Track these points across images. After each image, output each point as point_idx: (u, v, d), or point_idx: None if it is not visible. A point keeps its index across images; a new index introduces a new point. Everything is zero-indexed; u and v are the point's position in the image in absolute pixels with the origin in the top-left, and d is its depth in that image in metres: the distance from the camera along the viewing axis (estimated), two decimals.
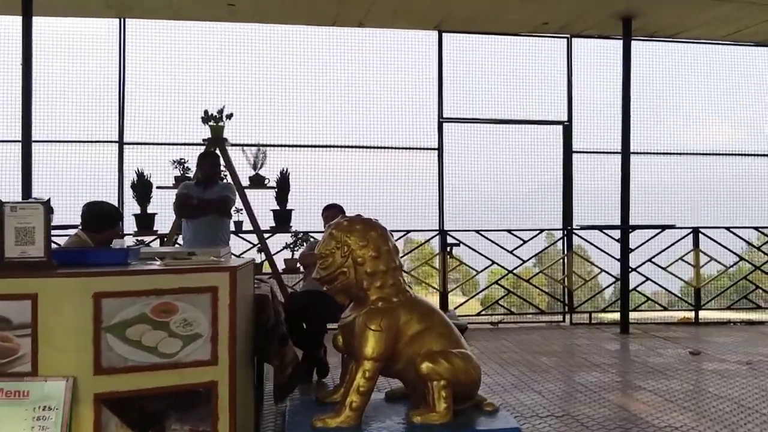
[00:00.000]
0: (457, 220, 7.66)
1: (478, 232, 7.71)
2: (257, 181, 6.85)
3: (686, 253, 7.93)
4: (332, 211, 5.54)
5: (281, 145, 7.31)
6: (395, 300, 3.67)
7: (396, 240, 7.17)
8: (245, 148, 6.92)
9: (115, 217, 3.80)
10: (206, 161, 5.74)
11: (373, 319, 3.58)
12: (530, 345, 6.47)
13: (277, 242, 7.01)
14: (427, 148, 7.65)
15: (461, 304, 7.70)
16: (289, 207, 6.78)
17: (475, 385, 3.69)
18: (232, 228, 6.87)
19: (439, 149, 7.65)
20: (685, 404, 4.31)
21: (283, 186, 6.82)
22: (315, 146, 7.42)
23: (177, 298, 2.80)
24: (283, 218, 6.81)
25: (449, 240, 7.59)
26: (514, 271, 7.87)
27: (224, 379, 2.87)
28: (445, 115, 7.67)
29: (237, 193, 6.71)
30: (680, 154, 8.24)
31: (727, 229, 8.09)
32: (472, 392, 3.71)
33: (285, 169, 6.84)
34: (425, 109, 7.62)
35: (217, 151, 6.68)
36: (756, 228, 8.31)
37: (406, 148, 7.59)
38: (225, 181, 6.77)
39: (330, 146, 7.45)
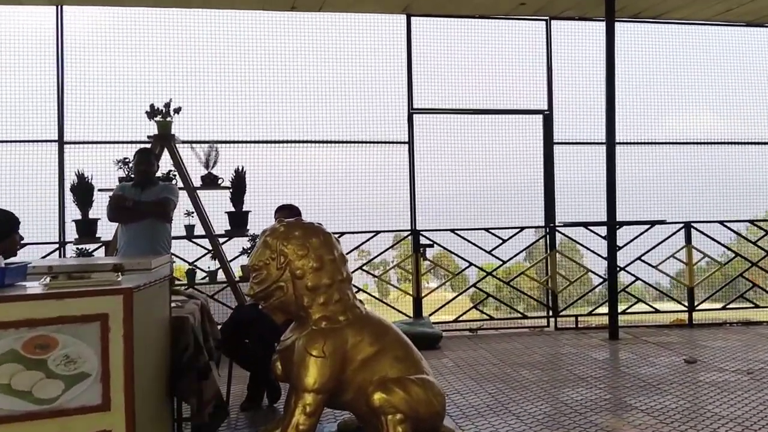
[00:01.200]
0: (430, 219, 7.15)
1: (453, 231, 7.20)
2: (210, 181, 6.35)
3: (678, 250, 7.46)
4: (285, 213, 5.00)
5: (236, 142, 6.77)
6: (342, 319, 3.16)
7: (370, 239, 6.81)
8: (196, 145, 6.42)
9: (6, 227, 3.25)
10: (142, 159, 5.18)
11: (315, 342, 3.07)
12: (510, 355, 5.97)
13: (233, 247, 6.50)
14: (397, 142, 7.14)
15: (437, 310, 7.19)
16: (245, 208, 6.30)
17: (438, 416, 3.19)
18: (183, 233, 6.38)
19: (410, 143, 7.13)
20: (682, 427, 3.83)
21: (238, 186, 6.32)
22: (273, 142, 6.87)
23: (56, 330, 2.30)
24: (239, 221, 6.30)
25: (422, 240, 7.08)
26: (494, 273, 7.36)
27: (120, 426, 2.37)
28: (415, 106, 7.15)
29: (189, 194, 6.24)
30: (669, 143, 7.77)
31: (721, 223, 7.63)
32: (435, 425, 3.20)
33: (240, 168, 6.34)
34: (394, 100, 7.10)
35: (163, 149, 6.19)
36: (751, 221, 7.86)
37: (373, 142, 7.07)
38: (174, 181, 6.28)
39: (289, 142, 6.91)
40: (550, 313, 7.38)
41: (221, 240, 6.38)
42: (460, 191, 7.29)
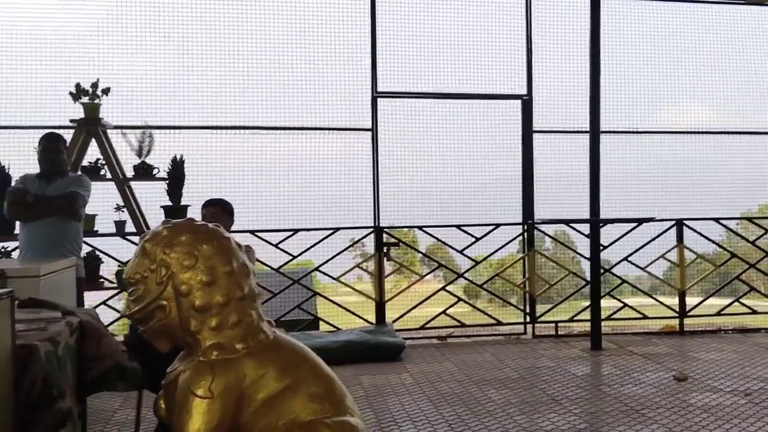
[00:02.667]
0: (395, 215, 6.52)
1: (420, 228, 6.61)
2: (144, 171, 5.77)
3: (669, 250, 6.88)
4: (212, 210, 4.39)
5: (174, 127, 6.10)
6: (240, 347, 2.52)
7: (327, 237, 6.18)
8: (128, 130, 5.81)
9: None
10: (49, 146, 4.54)
11: (201, 378, 2.43)
12: (479, 369, 5.37)
13: None
14: (359, 129, 6.48)
15: (401, 316, 6.58)
16: (184, 202, 5.73)
17: None
18: (113, 229, 5.78)
19: (373, 130, 6.48)
20: None
21: (176, 177, 5.74)
22: (216, 128, 6.18)
23: None
24: (176, 216, 5.53)
25: (386, 239, 6.47)
26: (465, 275, 6.76)
27: None
28: (379, 89, 6.50)
29: (119, 186, 5.63)
30: (660, 132, 7.17)
31: (716, 220, 7.05)
32: None
33: (178, 156, 5.73)
34: (356, 82, 6.44)
35: (90, 135, 5.56)
36: (749, 219, 7.28)
37: (331, 129, 6.41)
38: (103, 171, 5.68)
39: (235, 128, 6.22)
40: (528, 319, 6.78)
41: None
42: (429, 184, 6.68)
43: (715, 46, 7.18)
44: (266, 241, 6.17)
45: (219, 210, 4.37)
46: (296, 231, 6.26)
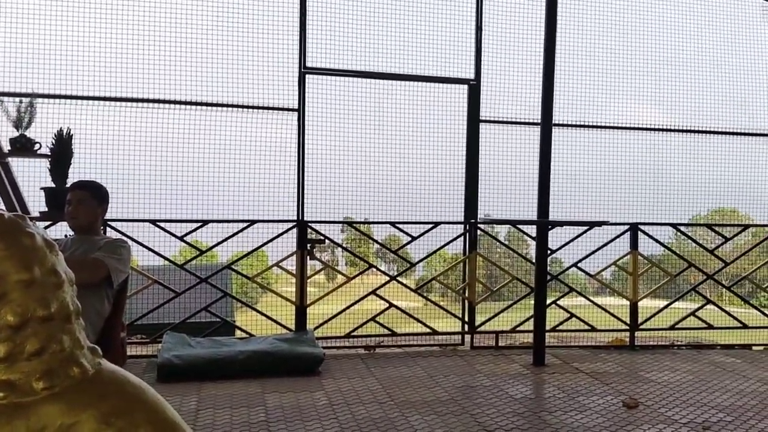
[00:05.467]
0: (321, 208, 5.90)
1: (350, 224, 6.01)
2: (22, 146, 5.02)
3: (621, 257, 6.43)
4: (79, 195, 3.69)
5: (61, 96, 5.32)
6: (40, 386, 1.81)
7: (242, 230, 5.51)
8: (6, 98, 5.07)
9: None
10: None
11: None
12: (406, 387, 4.79)
13: (53, 233, 5.08)
14: (282, 109, 5.80)
15: (325, 322, 5.96)
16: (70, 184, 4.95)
17: None
18: None
19: (300, 111, 5.82)
20: None
21: (61, 154, 5.03)
22: (114, 99, 5.40)
23: None
24: (60, 200, 4.93)
25: (310, 234, 5.84)
26: (399, 278, 6.17)
27: None
28: (308, 64, 5.84)
29: None
30: (618, 128, 6.67)
31: (674, 226, 6.63)
32: None
33: (65, 130, 5.01)
34: (281, 55, 5.75)
35: None
36: (709, 226, 6.88)
37: (250, 107, 5.70)
38: None
39: (136, 100, 5.45)
40: (466, 329, 6.24)
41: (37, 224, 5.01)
42: (361, 174, 6.04)
43: (683, 42, 6.75)
44: (169, 232, 5.47)
45: (88, 195, 3.68)
46: (205, 222, 5.58)
